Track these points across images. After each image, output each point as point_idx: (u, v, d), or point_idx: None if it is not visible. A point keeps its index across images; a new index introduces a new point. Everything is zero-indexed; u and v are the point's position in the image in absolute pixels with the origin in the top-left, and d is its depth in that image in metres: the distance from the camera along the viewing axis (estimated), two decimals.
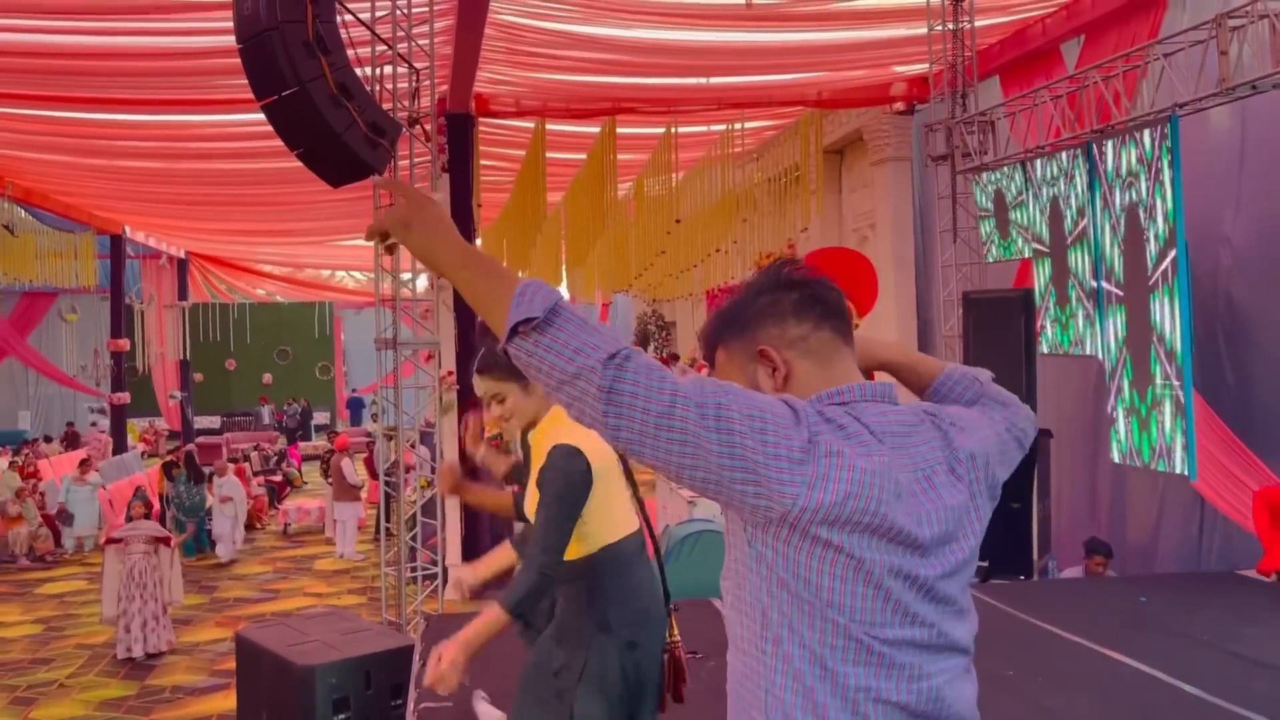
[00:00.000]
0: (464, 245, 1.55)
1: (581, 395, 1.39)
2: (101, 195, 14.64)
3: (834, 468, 1.39)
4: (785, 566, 1.44)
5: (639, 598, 2.81)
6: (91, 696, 7.72)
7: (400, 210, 1.60)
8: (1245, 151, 6.79)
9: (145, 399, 21.41)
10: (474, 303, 1.51)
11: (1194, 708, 4.08)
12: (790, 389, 1.55)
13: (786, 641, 1.47)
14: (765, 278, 1.65)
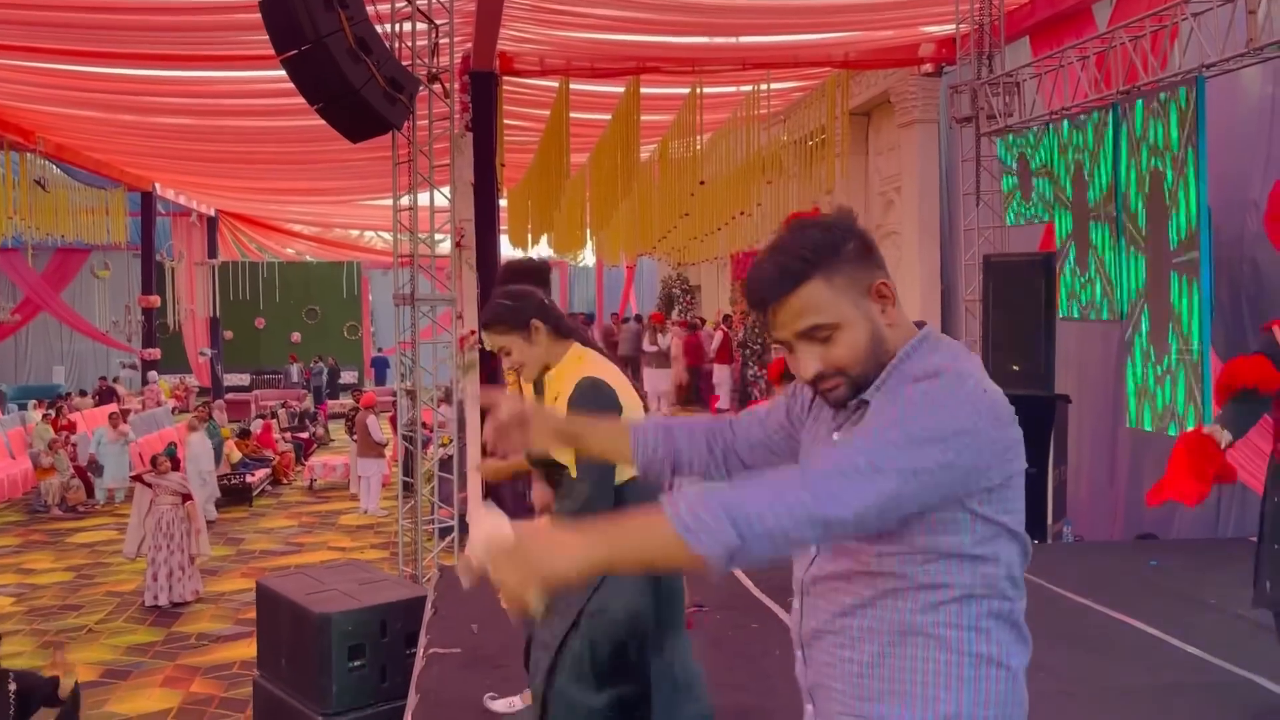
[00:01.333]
0: (588, 542, 1.39)
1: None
2: (132, 152, 14.80)
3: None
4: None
5: None
6: (119, 641, 7.93)
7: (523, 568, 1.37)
8: (1275, 116, 6.66)
9: (176, 355, 21.71)
10: (651, 564, 1.45)
11: (1194, 667, 4.10)
12: (892, 320, 1.58)
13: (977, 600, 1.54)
14: (841, 219, 1.62)
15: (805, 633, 1.65)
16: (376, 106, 5.89)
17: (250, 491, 13.54)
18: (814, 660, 1.62)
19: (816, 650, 1.62)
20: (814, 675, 1.63)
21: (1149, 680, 3.97)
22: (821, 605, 1.61)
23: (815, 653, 1.62)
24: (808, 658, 1.64)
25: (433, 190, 7.26)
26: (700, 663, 3.03)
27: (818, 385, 1.59)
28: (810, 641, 1.63)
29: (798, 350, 1.58)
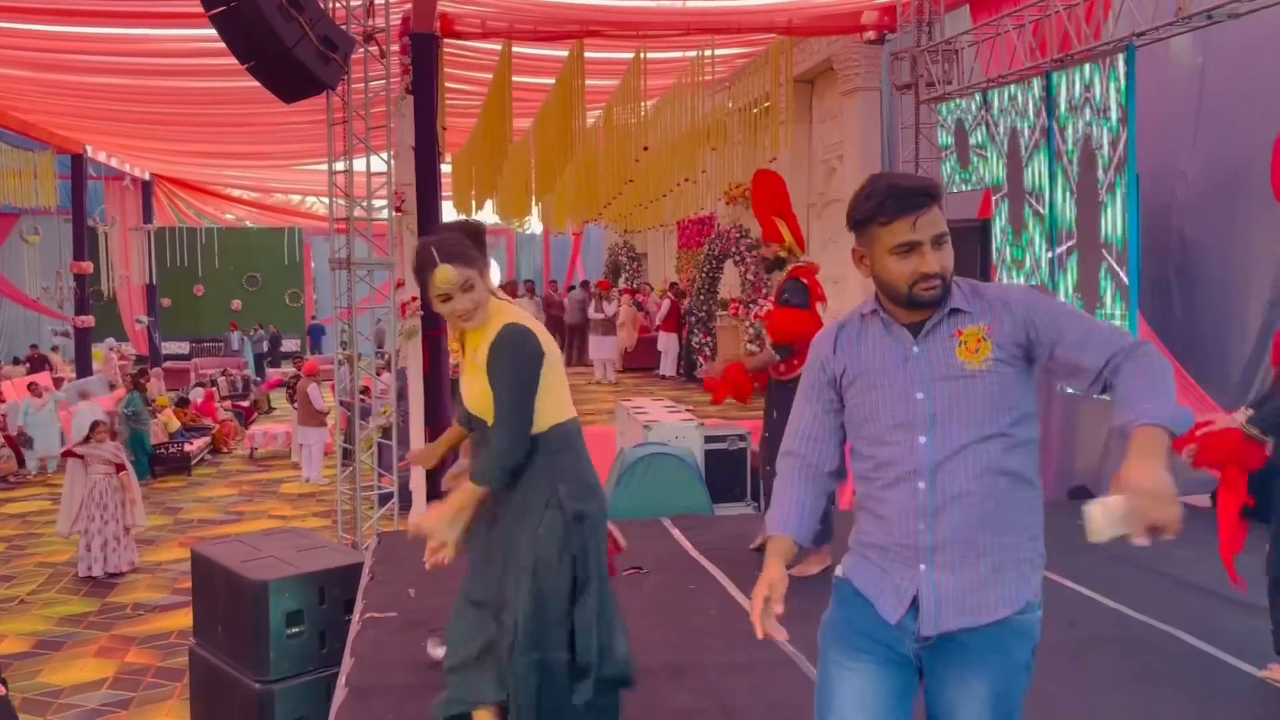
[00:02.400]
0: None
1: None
2: (61, 113, 14.32)
3: None
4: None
5: (585, 473, 2.94)
6: (52, 612, 7.80)
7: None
8: (1204, 86, 6.81)
9: (111, 323, 21.20)
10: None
11: (1116, 622, 4.23)
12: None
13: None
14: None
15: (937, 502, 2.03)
16: (309, 66, 5.76)
17: (189, 460, 13.34)
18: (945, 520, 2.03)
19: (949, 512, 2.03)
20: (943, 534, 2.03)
21: (1067, 635, 4.08)
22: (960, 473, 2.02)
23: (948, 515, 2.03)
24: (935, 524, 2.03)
25: (369, 154, 7.14)
26: (624, 620, 3.06)
27: (924, 283, 2.00)
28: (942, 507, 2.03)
29: (926, 251, 1.98)
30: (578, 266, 25.58)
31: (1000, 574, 2.04)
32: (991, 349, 2.01)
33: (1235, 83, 6.52)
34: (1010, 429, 2.01)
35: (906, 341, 2.06)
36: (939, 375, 2.02)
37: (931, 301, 2.01)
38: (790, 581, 2.17)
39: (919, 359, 2.04)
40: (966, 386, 2.01)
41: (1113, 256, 6.09)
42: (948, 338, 2.03)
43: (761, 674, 3.79)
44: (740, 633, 4.16)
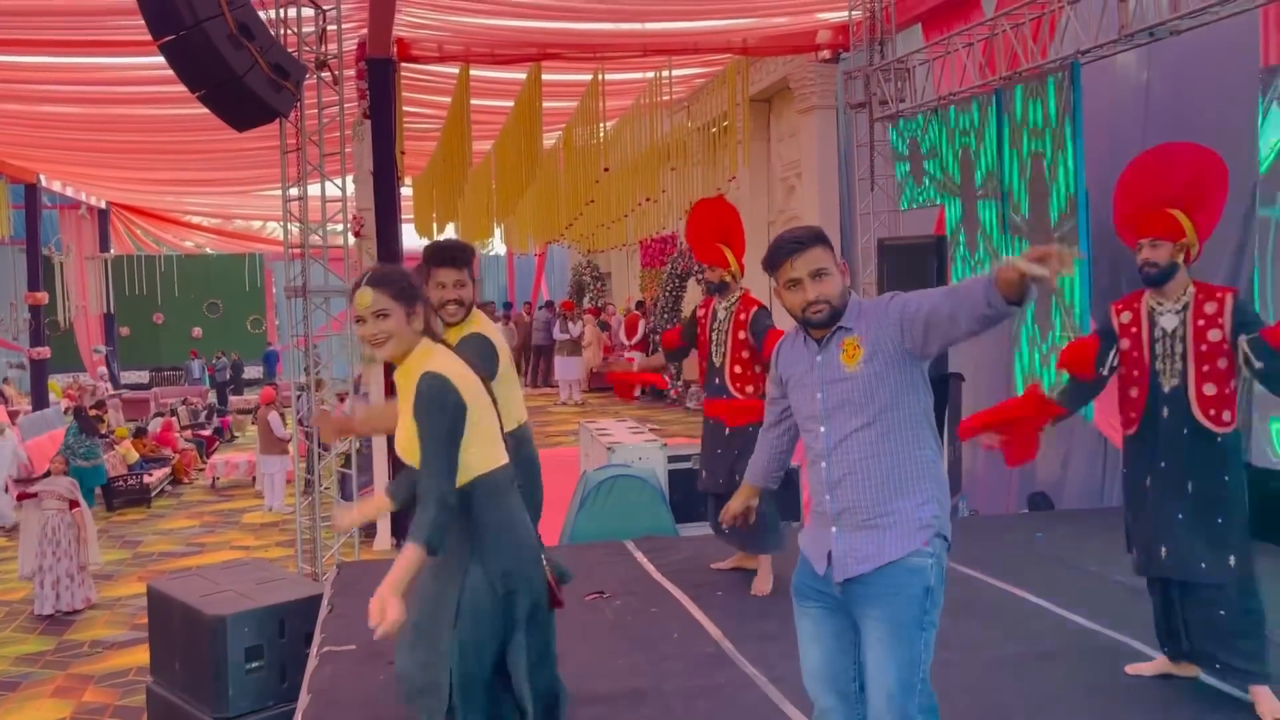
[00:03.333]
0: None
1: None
2: (13, 142, 14.12)
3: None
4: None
5: (512, 528, 2.86)
6: (8, 652, 7.62)
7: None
8: (1150, 100, 6.93)
9: (68, 354, 20.85)
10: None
11: (1075, 633, 4.26)
12: (846, 284, 2.63)
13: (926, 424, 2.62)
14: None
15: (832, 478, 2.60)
16: (261, 94, 5.72)
17: (148, 492, 13.12)
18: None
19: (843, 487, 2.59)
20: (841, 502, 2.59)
21: (1028, 648, 4.11)
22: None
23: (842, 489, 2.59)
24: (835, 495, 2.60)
25: (323, 179, 7.10)
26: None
27: (810, 308, 2.55)
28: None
29: (806, 284, 2.55)
30: (542, 287, 25.56)
31: (891, 530, 2.53)
32: (863, 354, 2.54)
33: (1180, 95, 6.65)
34: (883, 415, 2.52)
35: (813, 352, 2.64)
36: (830, 378, 2.59)
37: (821, 322, 2.58)
38: (754, 604, 3.36)
39: (820, 366, 2.61)
40: (847, 386, 2.56)
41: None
42: (836, 348, 2.59)
43: (724, 696, 3.78)
44: (703, 656, 4.16)
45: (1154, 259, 3.57)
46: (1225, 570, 3.49)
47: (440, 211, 13.86)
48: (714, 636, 4.34)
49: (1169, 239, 3.57)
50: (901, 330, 2.49)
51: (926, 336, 2.46)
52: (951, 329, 2.42)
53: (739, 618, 4.54)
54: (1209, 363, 3.50)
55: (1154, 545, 3.62)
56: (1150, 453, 3.61)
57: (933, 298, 2.47)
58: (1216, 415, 3.50)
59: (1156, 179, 3.76)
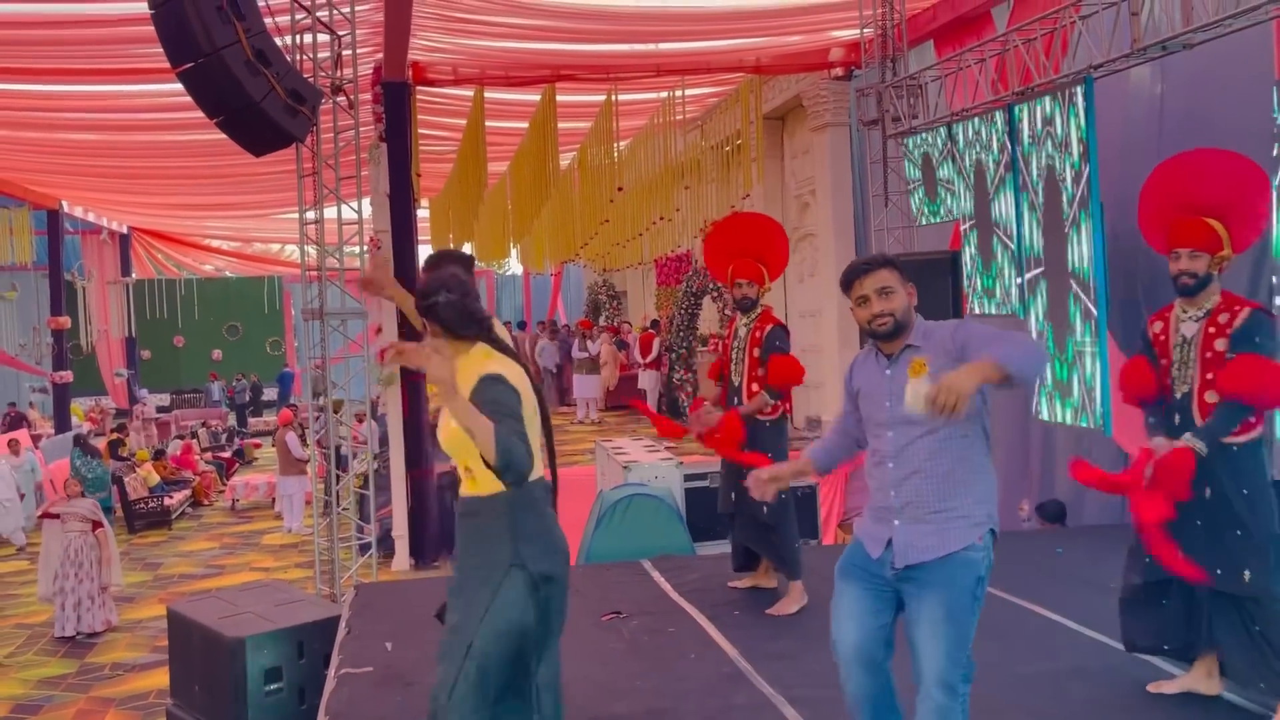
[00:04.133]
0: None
1: None
2: (36, 169, 14.32)
3: None
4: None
5: (551, 535, 2.92)
6: (30, 675, 7.67)
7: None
8: (1164, 114, 6.90)
9: (91, 377, 21.06)
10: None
11: (1096, 651, 4.22)
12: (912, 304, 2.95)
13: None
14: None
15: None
16: (278, 119, 5.79)
17: (169, 514, 13.20)
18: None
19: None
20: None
21: (1048, 665, 4.07)
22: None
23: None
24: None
25: (340, 202, 7.16)
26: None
27: (876, 321, 2.88)
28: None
29: (872, 300, 2.88)
30: (559, 306, 25.64)
31: (951, 525, 2.83)
32: (928, 372, 2.77)
33: (1194, 107, 6.62)
34: (944, 426, 2.77)
35: (884, 366, 2.96)
36: (899, 390, 2.84)
37: (885, 334, 2.91)
38: (772, 624, 3.47)
39: (889, 379, 2.92)
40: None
41: (1080, 285, 6.14)
42: (904, 364, 2.88)
43: (742, 717, 3.76)
44: (721, 676, 4.14)
45: (1192, 269, 3.57)
46: (1239, 583, 3.45)
47: (456, 232, 13.94)
48: (731, 656, 4.32)
49: (1208, 251, 3.55)
50: (964, 358, 2.76)
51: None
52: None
53: (757, 638, 4.53)
54: (1213, 370, 3.48)
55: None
56: None
57: (994, 347, 2.71)
58: None
59: (1193, 185, 3.72)
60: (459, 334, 2.89)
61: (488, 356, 2.87)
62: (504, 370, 2.81)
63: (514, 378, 2.81)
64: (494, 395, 2.72)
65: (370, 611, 5.16)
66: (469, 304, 2.89)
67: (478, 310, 2.91)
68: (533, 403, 2.87)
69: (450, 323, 2.87)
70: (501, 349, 2.92)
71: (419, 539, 9.93)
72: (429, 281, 2.95)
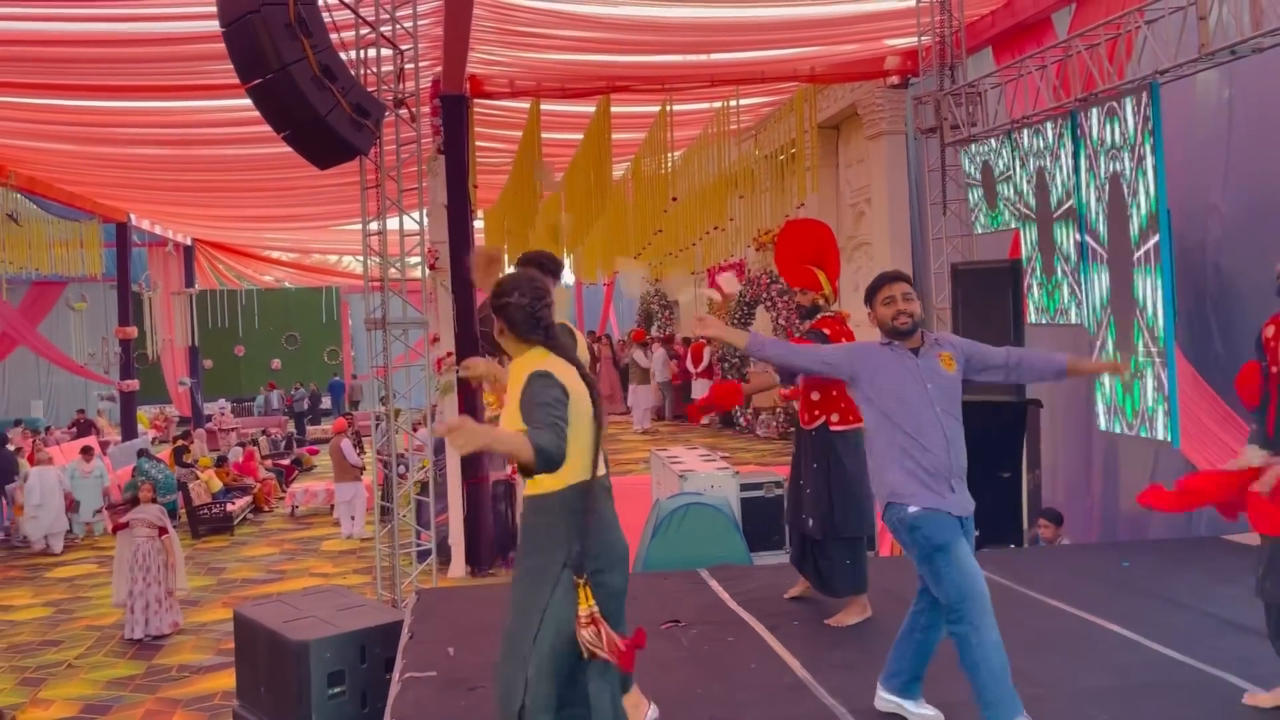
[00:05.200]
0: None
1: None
2: (105, 183, 14.74)
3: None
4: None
5: (606, 533, 2.94)
6: (99, 676, 7.86)
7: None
8: (1234, 120, 6.77)
9: (155, 385, 21.60)
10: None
11: (1164, 666, 4.13)
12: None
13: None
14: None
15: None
16: (342, 133, 5.91)
17: (231, 520, 13.46)
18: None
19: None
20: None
21: (1119, 681, 3.99)
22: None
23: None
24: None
25: (401, 214, 7.28)
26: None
27: (899, 317, 3.56)
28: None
29: (898, 301, 3.57)
30: (611, 315, 25.73)
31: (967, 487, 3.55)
32: (956, 365, 3.57)
33: (1265, 112, 6.48)
34: (958, 406, 3.55)
35: (912, 360, 3.56)
36: (934, 377, 3.53)
37: (905, 331, 3.57)
38: (833, 634, 4.00)
39: (922, 369, 3.54)
40: (948, 382, 3.57)
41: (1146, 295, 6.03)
42: (935, 357, 3.58)
43: None
44: (781, 687, 4.12)
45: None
46: None
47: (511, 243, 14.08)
48: (792, 667, 4.31)
49: None
50: (969, 362, 3.62)
51: (979, 374, 3.66)
52: (995, 378, 3.74)
53: (817, 648, 4.50)
54: None
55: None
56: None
57: (998, 354, 3.69)
58: None
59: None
60: (522, 336, 2.97)
61: (544, 357, 2.93)
62: (554, 369, 2.86)
63: (564, 377, 2.86)
64: (538, 387, 2.77)
65: (432, 617, 5.23)
66: (536, 309, 2.95)
67: (544, 317, 2.96)
68: (585, 405, 2.89)
69: (515, 324, 2.96)
70: (562, 355, 2.96)
71: (475, 547, 10.02)
72: (505, 280, 3.02)
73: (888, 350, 3.58)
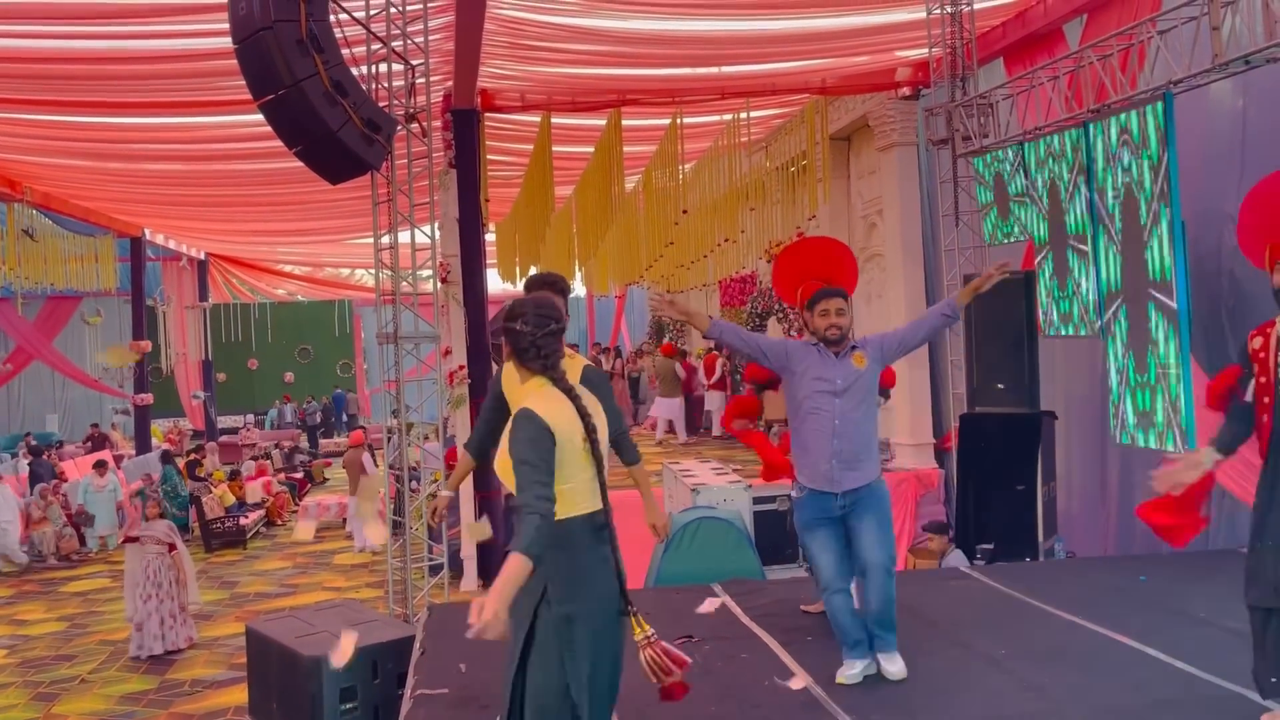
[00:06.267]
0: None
1: None
2: (120, 199, 14.84)
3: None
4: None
5: (580, 574, 2.91)
6: (112, 691, 7.87)
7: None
8: (1248, 128, 6.72)
9: (169, 399, 21.69)
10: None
11: (1183, 682, 4.08)
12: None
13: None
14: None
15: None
16: (354, 148, 5.93)
17: (244, 534, 13.49)
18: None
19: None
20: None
21: (1138, 698, 3.95)
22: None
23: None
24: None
25: (413, 228, 7.30)
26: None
27: (830, 328, 4.23)
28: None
29: (831, 314, 4.23)
30: (622, 328, 25.73)
31: (868, 464, 4.25)
32: (867, 364, 4.25)
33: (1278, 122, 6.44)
34: (866, 399, 4.26)
35: (832, 359, 4.26)
36: (847, 374, 4.23)
37: (835, 340, 4.26)
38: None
39: (839, 366, 4.24)
40: (856, 378, 4.24)
41: (1161, 306, 5.99)
42: (850, 357, 4.26)
43: None
44: (795, 704, 4.09)
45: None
46: None
47: (523, 256, 14.11)
48: (806, 683, 4.27)
49: None
50: (882, 352, 4.33)
51: (896, 352, 4.37)
52: (914, 346, 4.52)
53: (831, 664, 4.46)
54: None
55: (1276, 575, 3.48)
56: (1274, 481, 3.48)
57: (901, 331, 4.45)
58: None
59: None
60: (522, 362, 3.02)
61: (539, 388, 2.97)
62: (541, 408, 2.87)
63: (551, 414, 2.86)
64: (520, 436, 2.83)
65: (444, 632, 5.21)
66: (540, 340, 2.99)
67: (545, 347, 3.00)
68: (575, 439, 2.90)
69: (518, 350, 3.02)
70: (560, 385, 2.96)
71: (487, 560, 10.00)
72: (516, 303, 3.07)
73: (815, 351, 4.28)
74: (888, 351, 4.32)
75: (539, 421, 2.84)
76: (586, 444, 2.91)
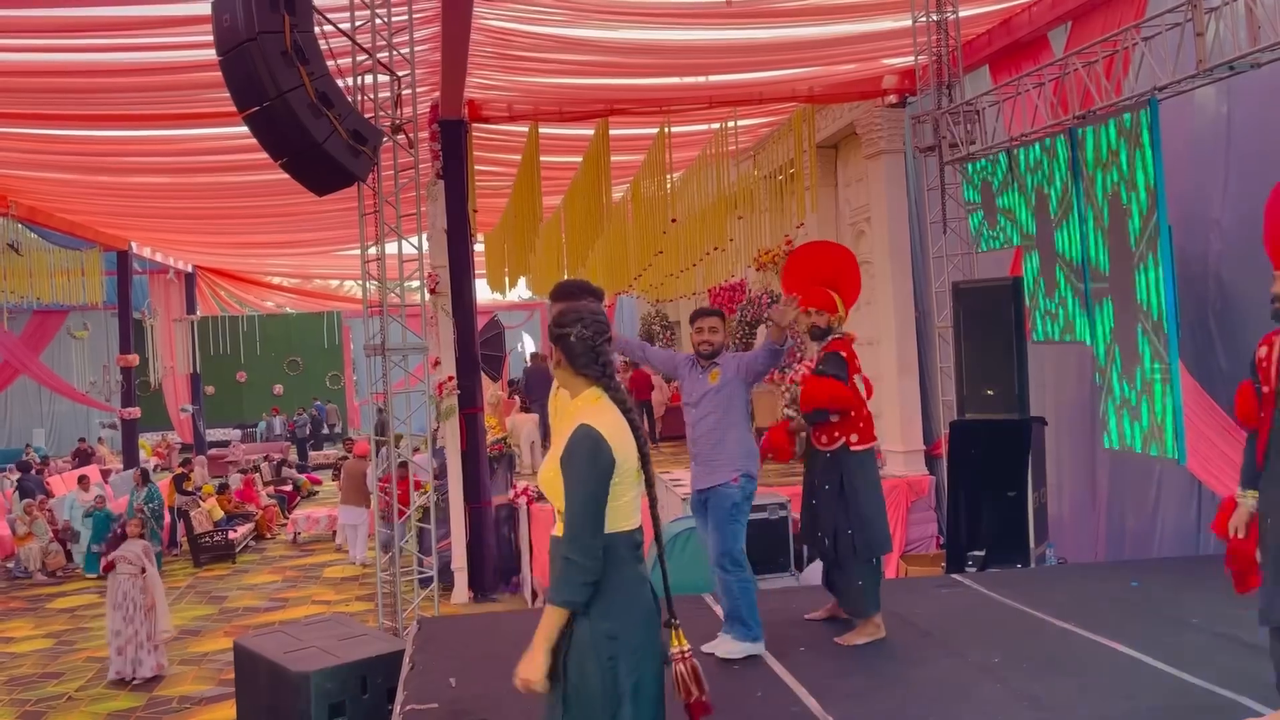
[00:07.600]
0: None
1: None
2: (106, 212, 14.78)
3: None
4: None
5: (623, 592, 2.81)
6: (100, 709, 7.79)
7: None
8: (1232, 133, 6.75)
9: (157, 413, 21.57)
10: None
11: (1176, 689, 4.07)
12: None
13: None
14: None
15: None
16: (340, 159, 5.90)
17: (233, 548, 13.40)
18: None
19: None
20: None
21: (1131, 705, 3.93)
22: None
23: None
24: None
25: (400, 239, 7.27)
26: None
27: (702, 345, 4.90)
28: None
29: (705, 332, 4.92)
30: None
31: (717, 468, 4.78)
32: (719, 379, 4.82)
33: (1264, 126, 6.47)
34: (719, 408, 4.81)
35: (700, 371, 4.89)
36: (704, 386, 4.84)
37: (706, 355, 4.88)
38: (840, 662, 4.66)
39: (702, 379, 4.86)
40: (709, 390, 4.83)
41: (1148, 310, 5.99)
42: (707, 371, 4.85)
43: None
44: (788, 716, 4.06)
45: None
46: None
47: (512, 266, 14.09)
48: (799, 695, 4.25)
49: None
50: (738, 369, 4.81)
51: (749, 373, 4.82)
52: (758, 370, 4.85)
53: (825, 676, 4.44)
54: None
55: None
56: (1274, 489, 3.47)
57: (750, 355, 4.88)
58: None
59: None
60: (579, 370, 2.91)
61: (595, 401, 2.87)
62: (600, 424, 2.78)
63: (611, 432, 2.78)
64: (580, 458, 2.73)
65: (433, 646, 5.17)
66: (599, 345, 2.89)
67: (604, 353, 2.91)
68: (631, 457, 2.82)
69: (575, 357, 2.89)
70: (615, 396, 2.90)
71: (478, 571, 9.96)
72: (566, 311, 2.93)
73: (690, 362, 4.96)
74: (743, 370, 4.80)
75: (603, 446, 2.74)
76: (639, 463, 2.85)
